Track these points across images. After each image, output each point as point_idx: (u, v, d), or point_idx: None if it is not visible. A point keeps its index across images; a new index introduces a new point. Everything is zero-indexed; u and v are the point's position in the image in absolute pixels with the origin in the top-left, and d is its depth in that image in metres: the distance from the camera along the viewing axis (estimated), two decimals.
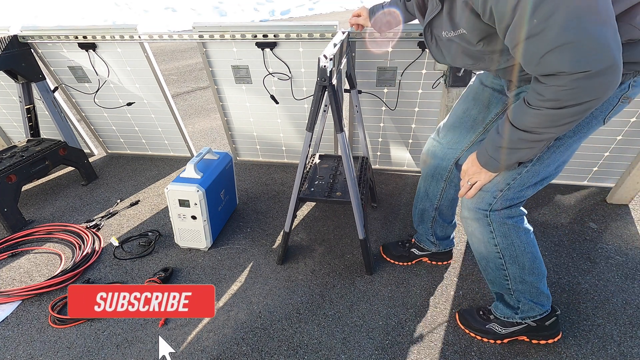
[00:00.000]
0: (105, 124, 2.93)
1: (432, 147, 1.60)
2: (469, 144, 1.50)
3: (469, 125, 1.47)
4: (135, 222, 2.27)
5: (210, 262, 1.94)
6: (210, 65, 2.37)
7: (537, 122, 0.98)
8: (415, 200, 1.77)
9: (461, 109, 1.49)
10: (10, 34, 2.32)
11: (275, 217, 2.29)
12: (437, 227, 1.77)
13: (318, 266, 1.89)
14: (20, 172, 2.26)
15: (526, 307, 1.41)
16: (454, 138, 1.52)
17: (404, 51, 2.09)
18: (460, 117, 1.49)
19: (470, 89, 1.48)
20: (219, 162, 2.10)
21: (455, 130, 1.51)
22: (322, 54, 1.44)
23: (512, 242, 1.30)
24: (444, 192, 1.65)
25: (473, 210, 1.30)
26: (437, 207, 1.70)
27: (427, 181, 1.66)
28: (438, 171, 1.60)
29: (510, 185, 1.21)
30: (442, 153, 1.56)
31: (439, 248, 1.84)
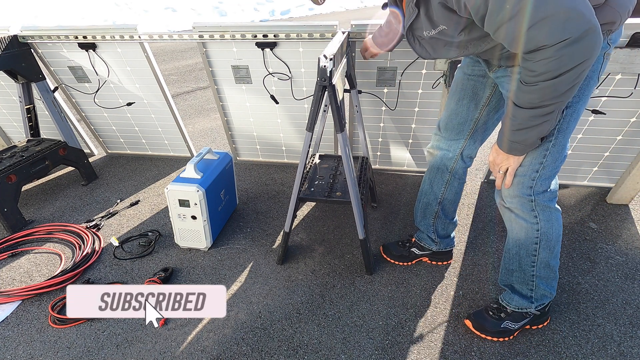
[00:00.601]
0: (105, 124, 2.93)
1: (436, 140, 1.64)
2: (470, 131, 1.54)
3: (464, 116, 1.52)
4: (135, 222, 2.27)
5: (210, 262, 1.94)
6: (210, 65, 2.37)
7: (540, 97, 1.01)
8: (419, 194, 1.78)
9: (453, 102, 1.54)
10: (10, 34, 2.32)
11: (275, 217, 2.29)
12: (439, 223, 1.78)
13: (318, 266, 1.89)
14: (20, 172, 2.26)
15: (539, 295, 1.44)
16: (454, 131, 1.56)
17: (404, 51, 2.09)
18: (454, 110, 1.54)
19: (456, 82, 1.54)
20: (219, 162, 2.10)
21: (454, 124, 1.55)
22: (322, 54, 1.44)
23: (552, 225, 1.33)
24: (448, 185, 1.66)
25: (516, 197, 1.31)
26: (441, 202, 1.71)
27: (432, 173, 1.69)
28: (443, 162, 1.63)
29: (544, 163, 1.23)
30: (446, 145, 1.60)
31: (440, 247, 1.84)
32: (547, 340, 1.49)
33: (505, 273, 1.49)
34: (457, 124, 1.54)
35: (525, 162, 1.25)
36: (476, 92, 1.48)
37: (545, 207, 1.31)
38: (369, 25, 1.99)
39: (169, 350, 1.49)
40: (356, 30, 2.01)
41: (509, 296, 1.49)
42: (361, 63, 2.19)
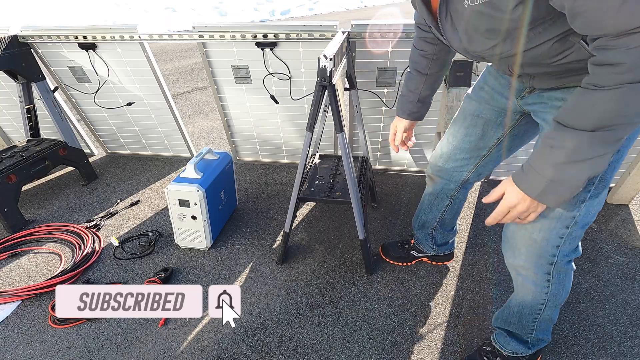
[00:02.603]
0: (105, 124, 2.93)
1: (437, 169, 1.50)
2: (475, 166, 1.42)
3: (471, 150, 1.37)
4: (135, 222, 2.27)
5: (210, 262, 1.94)
6: (210, 65, 2.37)
7: (616, 110, 0.72)
8: (417, 210, 1.72)
9: (458, 136, 1.38)
10: (10, 34, 2.32)
11: (275, 217, 2.29)
12: (438, 234, 1.75)
13: (318, 266, 1.89)
14: (20, 172, 2.26)
15: (536, 341, 1.30)
16: (457, 163, 1.43)
17: (404, 51, 2.09)
18: (459, 146, 1.39)
19: (464, 115, 1.36)
20: (219, 162, 2.10)
21: (457, 158, 1.42)
22: (322, 54, 1.44)
23: (563, 287, 1.15)
24: (448, 208, 1.60)
25: (535, 262, 1.07)
26: (440, 220, 1.66)
27: (431, 197, 1.61)
28: (444, 191, 1.54)
29: (577, 217, 0.97)
30: (447, 175, 1.48)
31: (438, 252, 1.83)
32: None
33: (502, 321, 1.35)
34: (460, 159, 1.41)
35: (554, 213, 0.97)
36: (486, 132, 1.31)
37: (561, 270, 1.08)
38: (369, 26, 1.99)
39: (169, 350, 1.49)
40: (356, 30, 2.01)
41: (504, 339, 1.34)
42: (361, 63, 2.19)
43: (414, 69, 1.38)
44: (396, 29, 1.98)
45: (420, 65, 1.36)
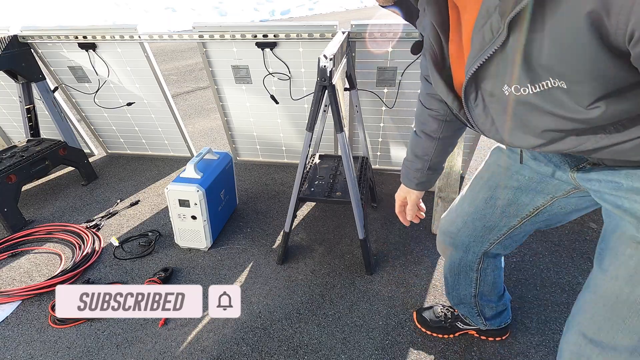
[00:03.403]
0: (105, 124, 2.93)
1: (449, 235, 1.23)
2: (500, 237, 1.14)
3: (494, 222, 1.10)
4: (135, 222, 2.27)
5: (210, 262, 1.94)
6: (210, 65, 2.37)
7: None
8: (445, 286, 1.43)
9: (483, 195, 1.10)
10: (10, 34, 2.32)
11: (275, 217, 2.29)
12: (484, 307, 1.40)
13: (318, 266, 1.89)
14: (20, 172, 2.26)
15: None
16: (476, 232, 1.16)
17: (404, 51, 2.09)
18: (480, 212, 1.11)
19: (490, 172, 1.08)
20: (219, 162, 2.10)
21: (476, 226, 1.14)
22: (322, 54, 1.44)
23: None
24: (479, 281, 1.30)
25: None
26: (477, 294, 1.34)
27: (453, 273, 1.33)
28: (464, 263, 1.26)
29: None
30: (463, 245, 1.20)
31: (490, 327, 1.47)
32: (547, 340, 1.49)
33: None
34: (480, 227, 1.14)
35: None
36: (518, 198, 1.03)
37: None
38: (369, 26, 1.99)
39: (169, 350, 1.49)
40: (356, 30, 2.01)
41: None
42: (361, 63, 2.19)
43: (422, 131, 1.09)
44: (396, 29, 1.98)
45: (429, 127, 1.06)
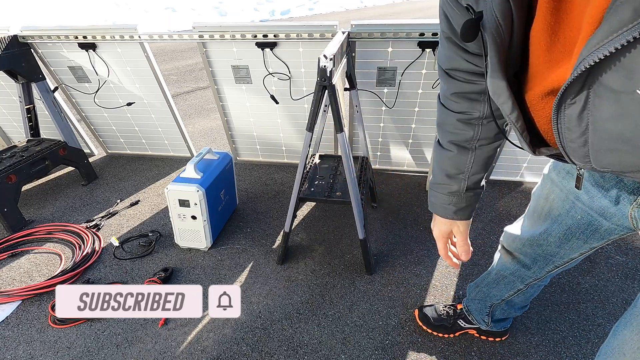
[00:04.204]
0: (105, 124, 2.93)
1: (517, 243, 1.13)
2: (562, 265, 1.06)
3: (552, 249, 1.02)
4: (135, 222, 2.27)
5: (210, 262, 1.94)
6: (210, 65, 2.37)
7: None
8: (480, 279, 1.39)
9: (538, 227, 1.02)
10: (10, 34, 2.32)
11: (275, 217, 2.28)
12: (497, 310, 1.39)
13: (318, 266, 1.89)
14: (20, 172, 2.26)
15: None
16: (538, 255, 1.08)
17: (404, 51, 2.09)
18: (539, 237, 1.03)
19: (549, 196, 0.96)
20: (219, 162, 2.10)
21: (535, 250, 1.07)
22: (322, 53, 1.44)
23: None
24: (521, 293, 1.25)
25: None
26: (507, 300, 1.31)
27: (499, 275, 1.27)
28: (518, 274, 1.19)
29: None
30: (529, 260, 1.12)
31: (492, 328, 1.47)
32: (547, 340, 1.49)
33: None
34: (541, 253, 1.06)
35: None
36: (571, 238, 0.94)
37: None
38: (369, 25, 1.99)
39: (169, 350, 1.49)
40: (356, 31, 2.01)
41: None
42: (361, 63, 2.19)
43: (452, 143, 0.87)
44: (396, 29, 1.97)
45: (461, 136, 0.85)
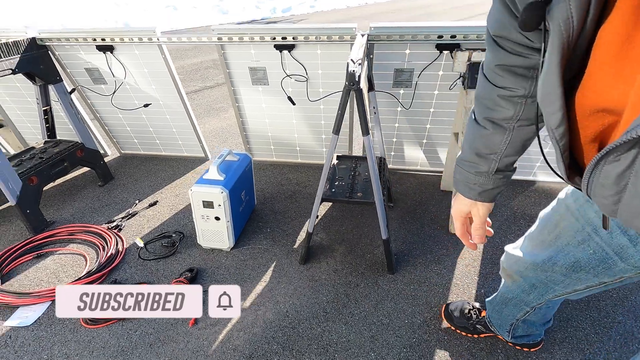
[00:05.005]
0: (119, 124, 2.95)
1: (515, 272, 1.13)
2: (565, 293, 1.03)
3: (559, 277, 0.99)
4: (155, 223, 2.29)
5: (233, 262, 1.98)
6: (228, 67, 2.40)
7: None
8: (492, 299, 1.39)
9: (545, 252, 0.99)
10: (29, 36, 2.34)
11: (294, 217, 2.32)
12: (519, 329, 1.37)
13: (340, 266, 1.93)
14: (41, 173, 2.28)
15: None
16: (542, 279, 1.06)
17: (421, 53, 2.12)
18: (544, 263, 1.01)
19: (560, 222, 0.93)
20: (239, 164, 2.13)
21: (539, 275, 1.05)
22: (350, 58, 1.47)
23: None
24: (529, 315, 1.24)
25: None
26: (521, 319, 1.29)
27: (504, 297, 1.27)
28: (520, 299, 1.19)
29: None
30: (529, 283, 1.11)
31: (516, 342, 1.47)
32: (570, 337, 1.53)
33: None
34: (545, 278, 1.04)
35: None
36: (580, 270, 0.92)
37: None
38: (388, 28, 2.01)
39: (201, 349, 1.52)
40: (375, 33, 2.03)
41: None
42: (378, 64, 2.21)
43: (487, 119, 0.80)
44: (415, 31, 2.00)
45: (500, 113, 0.77)
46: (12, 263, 1.98)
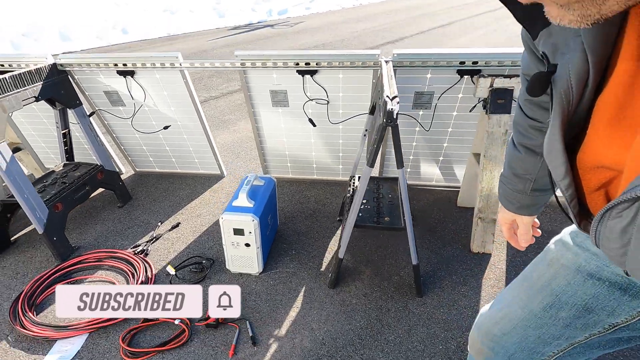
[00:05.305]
0: (135, 144, 2.96)
1: (490, 340, 0.94)
2: (557, 354, 0.86)
3: (554, 331, 0.83)
4: (180, 246, 2.32)
5: (263, 287, 2.01)
6: (249, 90, 2.42)
7: None
8: None
9: (539, 301, 0.84)
10: (49, 62, 2.34)
11: (317, 238, 2.36)
12: None
13: (369, 289, 1.97)
14: (65, 199, 2.30)
15: None
16: (526, 342, 0.87)
17: (442, 77, 2.16)
18: (537, 316, 0.84)
19: (554, 266, 0.83)
20: (265, 188, 2.16)
21: (528, 332, 0.86)
22: (385, 94, 1.51)
23: None
24: None
25: None
26: None
27: None
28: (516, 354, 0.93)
29: None
30: (506, 354, 0.91)
31: None
32: None
33: None
34: (534, 338, 0.86)
35: None
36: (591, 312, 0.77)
37: None
38: (412, 54, 2.05)
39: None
40: (398, 60, 2.07)
41: None
42: (399, 88, 2.25)
43: (522, 145, 0.89)
44: (437, 58, 2.04)
45: (531, 140, 0.87)
46: (43, 293, 2.00)
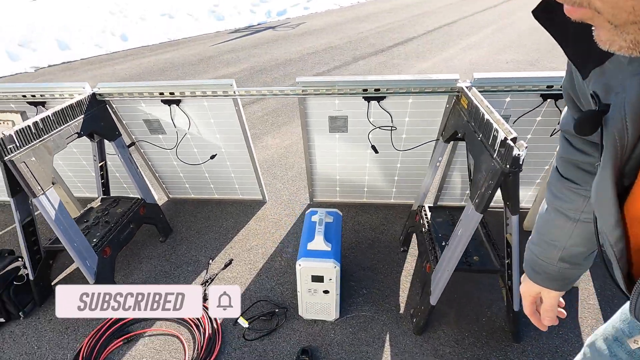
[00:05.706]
0: (172, 171, 2.77)
1: None
2: None
3: None
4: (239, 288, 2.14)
5: (343, 336, 1.85)
6: (306, 116, 2.25)
7: None
8: None
9: None
10: (87, 92, 2.14)
11: (385, 273, 2.20)
12: None
13: (459, 335, 1.83)
14: (112, 242, 2.11)
15: None
16: None
17: (522, 100, 2.02)
18: None
19: None
20: (335, 225, 2.00)
21: None
22: (503, 136, 1.36)
23: None
24: None
25: None
26: None
27: None
28: None
29: None
30: None
31: None
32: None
33: None
34: None
35: None
36: None
37: None
38: (493, 79, 1.90)
39: None
40: (478, 84, 1.92)
41: None
42: None
43: (554, 207, 0.80)
44: (520, 82, 1.90)
45: (566, 204, 0.78)
46: (102, 352, 1.81)
